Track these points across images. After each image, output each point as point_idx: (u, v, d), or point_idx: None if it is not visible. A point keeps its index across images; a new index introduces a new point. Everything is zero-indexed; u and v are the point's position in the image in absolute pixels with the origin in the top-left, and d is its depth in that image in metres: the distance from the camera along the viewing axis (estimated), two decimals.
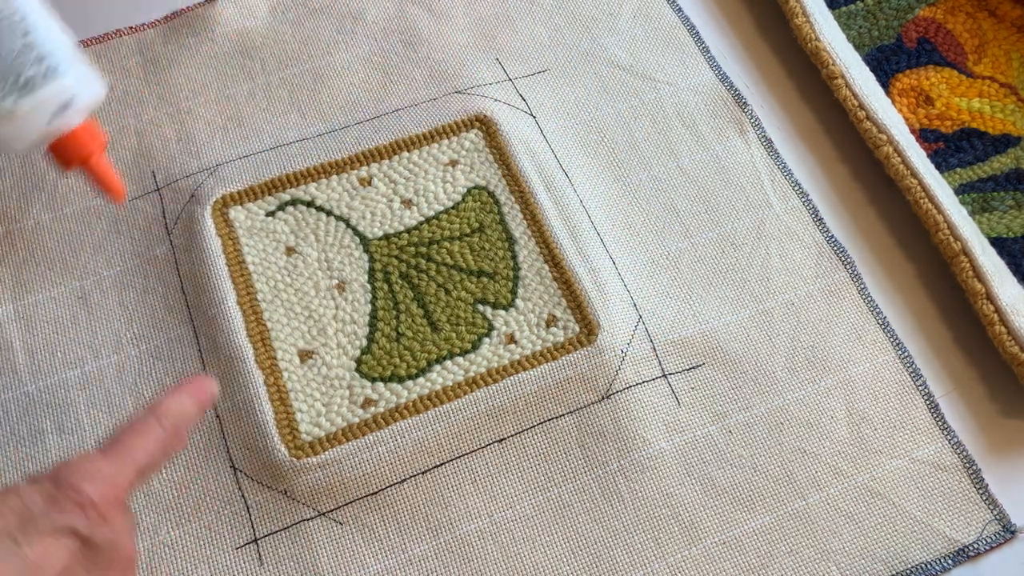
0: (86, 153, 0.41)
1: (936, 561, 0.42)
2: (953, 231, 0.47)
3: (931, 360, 0.47)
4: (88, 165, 0.42)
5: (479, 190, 0.50)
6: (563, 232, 0.48)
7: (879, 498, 0.43)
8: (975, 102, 0.54)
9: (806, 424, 0.45)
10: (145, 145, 0.52)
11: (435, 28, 0.57)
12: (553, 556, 0.42)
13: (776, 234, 0.50)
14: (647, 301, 0.47)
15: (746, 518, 0.42)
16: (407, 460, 0.43)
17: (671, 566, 0.41)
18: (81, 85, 0.40)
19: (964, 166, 0.52)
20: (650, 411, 0.44)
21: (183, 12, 0.57)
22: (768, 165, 0.53)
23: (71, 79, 0.40)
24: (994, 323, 0.45)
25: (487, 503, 0.43)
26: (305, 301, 0.47)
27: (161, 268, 0.48)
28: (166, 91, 0.54)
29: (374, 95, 0.54)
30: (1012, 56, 0.56)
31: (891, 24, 0.57)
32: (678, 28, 0.58)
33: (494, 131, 0.52)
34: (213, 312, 0.46)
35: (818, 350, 0.47)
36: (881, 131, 0.50)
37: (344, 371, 0.45)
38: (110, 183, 0.43)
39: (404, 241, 0.49)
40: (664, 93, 0.55)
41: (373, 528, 0.42)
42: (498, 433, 0.44)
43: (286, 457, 0.42)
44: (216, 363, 0.45)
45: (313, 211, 0.49)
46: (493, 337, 0.46)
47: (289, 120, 0.53)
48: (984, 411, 0.46)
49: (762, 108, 0.55)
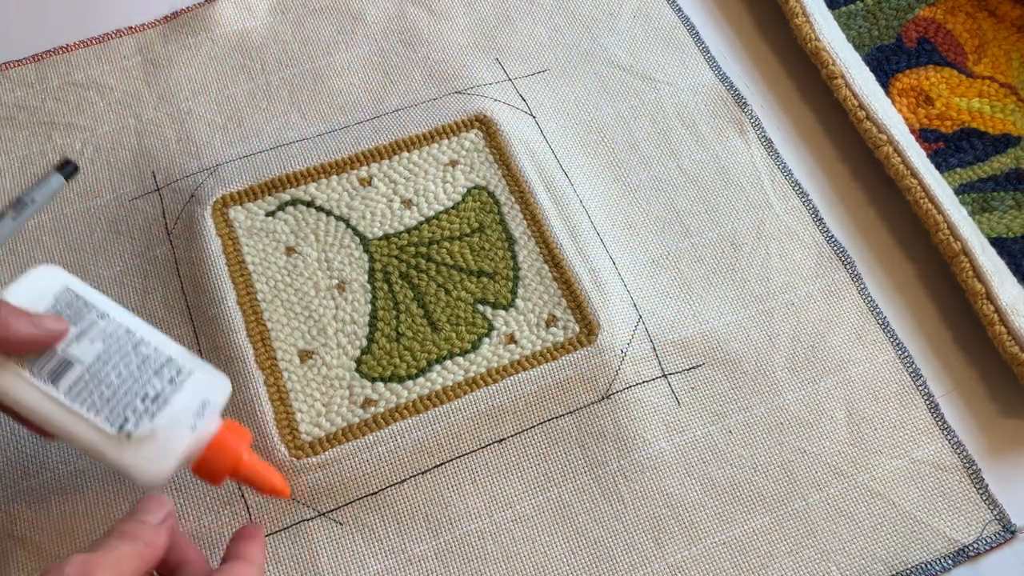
0: (236, 454, 0.38)
1: (936, 561, 0.42)
2: (953, 231, 0.47)
3: (931, 360, 0.47)
4: (241, 466, 0.38)
5: (479, 190, 0.50)
6: (563, 232, 0.48)
7: (879, 498, 0.43)
8: (975, 102, 0.54)
9: (806, 424, 0.45)
10: (145, 145, 0.52)
11: (435, 28, 0.57)
12: (553, 556, 0.42)
13: (776, 234, 0.50)
14: (647, 301, 0.47)
15: (746, 518, 0.42)
16: (407, 460, 0.43)
17: (671, 566, 0.41)
18: (210, 383, 0.38)
19: (964, 166, 0.52)
20: (650, 411, 0.44)
21: (183, 12, 0.57)
22: (768, 165, 0.53)
23: (199, 377, 0.37)
24: (994, 323, 0.45)
25: (487, 503, 0.43)
26: (305, 301, 0.47)
27: (161, 268, 0.48)
28: (166, 91, 0.54)
29: (374, 95, 0.54)
30: (1012, 56, 0.56)
31: (891, 24, 0.57)
32: (678, 28, 0.58)
33: (494, 131, 0.52)
34: (213, 312, 0.46)
35: (818, 350, 0.47)
36: (881, 131, 0.50)
37: (344, 371, 0.45)
38: (271, 481, 0.39)
39: (404, 241, 0.49)
40: (664, 93, 0.55)
41: (373, 528, 0.42)
42: (498, 433, 0.44)
43: (286, 457, 0.42)
44: (216, 363, 0.45)
45: (313, 211, 0.49)
46: (493, 337, 0.46)
47: (289, 120, 0.53)
48: (984, 411, 0.46)
49: (762, 108, 0.55)
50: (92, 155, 0.52)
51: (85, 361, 0.35)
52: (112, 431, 0.35)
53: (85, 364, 0.35)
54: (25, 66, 0.55)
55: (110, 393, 0.35)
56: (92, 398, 0.35)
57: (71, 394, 0.35)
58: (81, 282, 0.37)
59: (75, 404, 0.35)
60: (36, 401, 0.34)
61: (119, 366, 0.36)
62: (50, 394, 0.34)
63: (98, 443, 0.35)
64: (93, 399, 0.35)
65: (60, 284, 0.36)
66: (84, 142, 0.52)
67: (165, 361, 0.37)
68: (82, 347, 0.35)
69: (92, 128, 0.53)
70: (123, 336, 0.37)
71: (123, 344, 0.36)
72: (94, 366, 0.35)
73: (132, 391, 0.36)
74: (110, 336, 0.36)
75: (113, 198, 0.51)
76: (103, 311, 0.37)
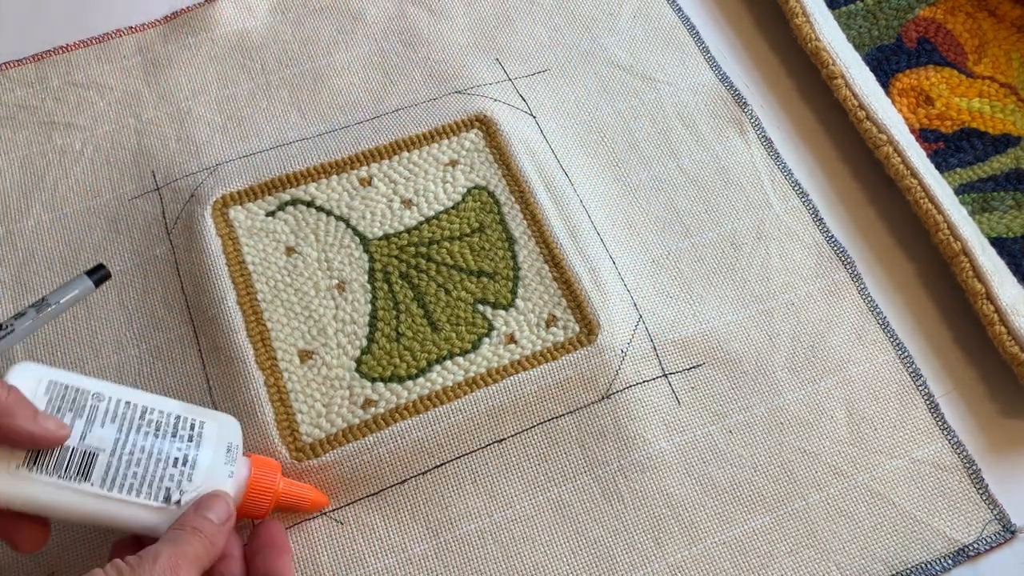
0: (274, 488, 0.39)
1: (936, 561, 0.42)
2: (953, 231, 0.47)
3: (931, 360, 0.47)
4: (279, 497, 0.39)
5: (479, 190, 0.50)
6: (563, 232, 0.48)
7: (879, 498, 0.43)
8: (975, 102, 0.54)
9: (806, 424, 0.45)
10: (145, 145, 0.52)
11: (435, 28, 0.57)
12: (553, 556, 0.42)
13: (776, 234, 0.50)
14: (647, 301, 0.47)
15: (746, 518, 0.42)
16: (407, 460, 0.43)
17: (671, 566, 0.41)
18: (223, 427, 0.38)
19: (964, 166, 0.52)
20: (650, 411, 0.44)
21: (183, 12, 0.57)
22: (768, 165, 0.53)
23: (212, 426, 0.38)
24: (994, 323, 0.45)
25: (487, 503, 0.43)
26: (305, 301, 0.47)
27: (161, 268, 0.48)
28: (166, 91, 0.54)
29: (374, 95, 0.54)
30: (1012, 56, 0.56)
31: (891, 24, 0.57)
32: (678, 28, 0.58)
33: (494, 131, 0.52)
34: (213, 312, 0.46)
35: (818, 350, 0.47)
36: (881, 131, 0.50)
37: (344, 371, 0.45)
38: (309, 500, 0.40)
39: (404, 241, 0.49)
40: (664, 93, 0.55)
41: (374, 528, 0.42)
42: (498, 433, 0.44)
43: (287, 459, 0.42)
44: (216, 363, 0.45)
45: (313, 211, 0.49)
46: (493, 337, 0.46)
47: (289, 120, 0.53)
48: (984, 411, 0.46)
49: (762, 108, 0.55)
50: (92, 155, 0.52)
51: (106, 448, 0.35)
52: (160, 505, 0.35)
53: (107, 451, 0.35)
54: (25, 66, 0.55)
55: (142, 471, 0.35)
56: (128, 481, 0.35)
57: (107, 484, 0.34)
58: (60, 370, 0.36)
59: (115, 492, 0.34)
60: (71, 500, 0.34)
61: (138, 441, 0.36)
62: (86, 490, 0.34)
63: (151, 520, 0.35)
64: (129, 482, 0.35)
65: (45, 379, 0.35)
66: (84, 142, 0.52)
67: (176, 421, 0.37)
68: (96, 435, 0.35)
69: (92, 128, 0.53)
70: (126, 410, 0.36)
71: (131, 418, 0.36)
72: (117, 450, 0.35)
73: (161, 461, 0.36)
74: (116, 415, 0.36)
75: (113, 197, 0.51)
76: (96, 392, 0.36)
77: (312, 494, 0.41)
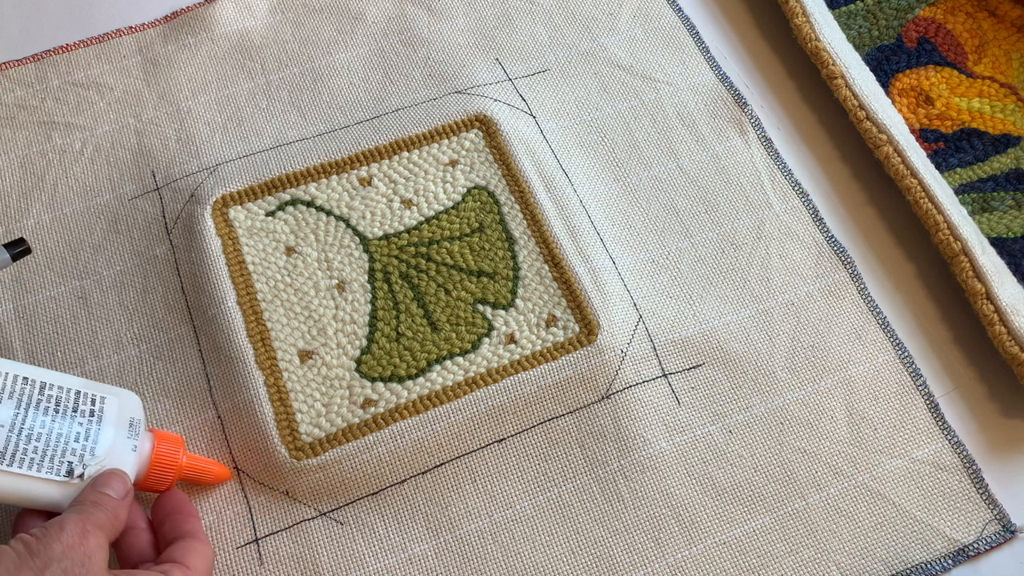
0: (177, 462, 0.39)
1: (936, 561, 0.42)
2: (953, 231, 0.47)
3: (931, 360, 0.47)
4: (183, 470, 0.40)
5: (479, 190, 0.50)
6: (563, 232, 0.48)
7: (879, 498, 0.43)
8: (975, 102, 0.54)
9: (806, 424, 0.45)
10: (145, 145, 0.52)
11: (435, 28, 0.57)
12: (553, 556, 0.42)
13: (776, 234, 0.50)
14: (647, 301, 0.47)
15: (746, 518, 0.42)
16: (407, 460, 0.43)
17: (671, 566, 0.41)
18: (125, 402, 0.39)
19: (964, 166, 0.52)
20: (650, 411, 0.44)
21: (183, 12, 0.57)
22: (768, 165, 0.53)
23: (113, 401, 0.38)
24: (994, 323, 0.45)
25: (487, 503, 0.43)
26: (305, 301, 0.47)
27: (161, 268, 0.48)
28: (166, 91, 0.54)
29: (374, 95, 0.54)
30: (1012, 56, 0.56)
31: (891, 24, 0.57)
32: (678, 28, 0.58)
33: (494, 131, 0.52)
34: (213, 312, 0.46)
35: (818, 350, 0.47)
36: (881, 131, 0.50)
37: (344, 371, 0.45)
38: (212, 473, 0.41)
39: (404, 241, 0.49)
40: (664, 93, 0.55)
41: (373, 528, 0.42)
42: (498, 433, 0.44)
43: (286, 459, 0.42)
44: (216, 363, 0.45)
45: (313, 211, 0.49)
46: (493, 337, 0.46)
47: (289, 120, 0.53)
48: (984, 411, 0.46)
49: (762, 108, 0.55)
50: (92, 155, 0.52)
51: (5, 424, 0.35)
52: (63, 479, 0.35)
53: (6, 427, 0.35)
54: (25, 66, 0.55)
55: (43, 445, 0.35)
56: (29, 456, 0.35)
57: (7, 459, 0.34)
58: None
59: (14, 467, 0.34)
60: None
61: (38, 417, 0.36)
62: None
63: (53, 494, 0.35)
64: (30, 457, 0.35)
65: None
66: (84, 142, 0.52)
67: (76, 396, 0.37)
68: None
69: (92, 128, 0.53)
70: (24, 386, 0.36)
71: (30, 394, 0.36)
72: (16, 425, 0.35)
73: (62, 435, 0.36)
74: (14, 392, 0.36)
75: (113, 197, 0.51)
76: None
77: (216, 468, 0.41)
